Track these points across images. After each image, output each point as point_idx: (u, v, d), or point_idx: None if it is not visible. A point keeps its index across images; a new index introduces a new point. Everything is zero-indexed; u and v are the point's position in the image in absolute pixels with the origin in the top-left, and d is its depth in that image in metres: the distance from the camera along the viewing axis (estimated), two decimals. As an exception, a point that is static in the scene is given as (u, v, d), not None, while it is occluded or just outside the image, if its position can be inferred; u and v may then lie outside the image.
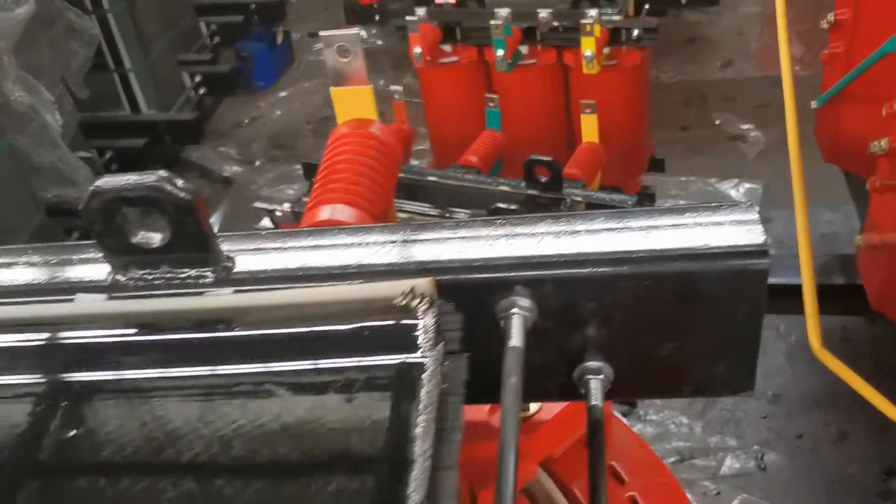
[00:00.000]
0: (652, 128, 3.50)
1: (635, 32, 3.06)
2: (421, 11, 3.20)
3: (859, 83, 2.56)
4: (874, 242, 2.31)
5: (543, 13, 3.04)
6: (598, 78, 3.17)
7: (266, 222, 2.07)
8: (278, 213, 2.05)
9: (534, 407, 1.07)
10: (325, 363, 0.61)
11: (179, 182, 0.61)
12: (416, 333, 0.61)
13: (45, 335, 0.63)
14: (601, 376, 0.71)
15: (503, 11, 3.03)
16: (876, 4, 2.52)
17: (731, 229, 0.68)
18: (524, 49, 3.22)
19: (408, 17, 3.15)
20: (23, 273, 0.69)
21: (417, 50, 3.16)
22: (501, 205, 2.01)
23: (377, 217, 1.02)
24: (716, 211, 0.70)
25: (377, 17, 5.33)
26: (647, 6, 3.20)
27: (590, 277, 0.66)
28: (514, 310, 0.66)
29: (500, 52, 3.05)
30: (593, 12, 2.92)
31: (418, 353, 0.61)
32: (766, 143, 4.23)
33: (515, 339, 0.64)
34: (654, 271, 0.66)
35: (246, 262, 0.67)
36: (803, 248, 2.18)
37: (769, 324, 3.11)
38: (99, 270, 0.67)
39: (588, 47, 2.93)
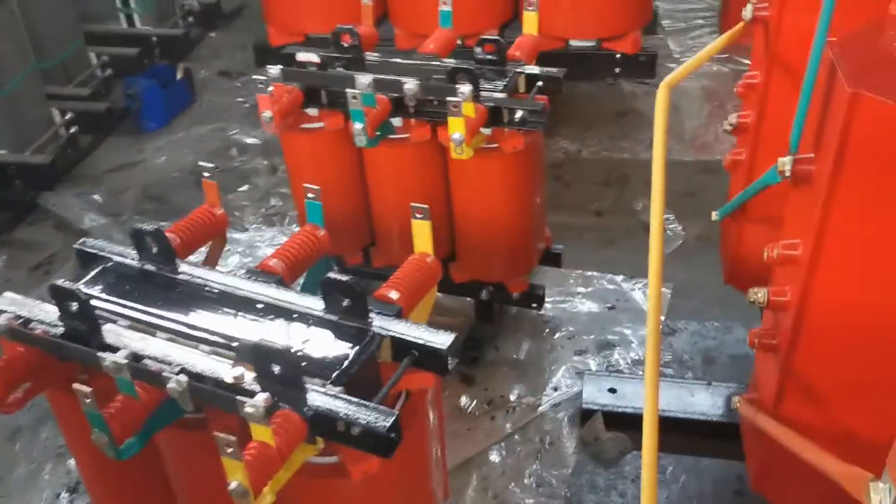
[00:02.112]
0: (545, 218, 3.05)
1: (519, 114, 2.62)
2: (274, 70, 2.74)
3: (758, 201, 2.13)
4: (753, 422, 1.85)
5: (410, 84, 2.59)
6: (474, 163, 2.72)
7: None
8: None
9: None
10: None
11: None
12: None
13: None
14: None
15: (364, 79, 2.57)
16: (784, 107, 2.07)
17: None
18: (397, 121, 2.77)
19: (255, 77, 2.68)
20: None
21: (267, 114, 2.69)
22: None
23: None
24: None
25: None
26: (539, 83, 2.76)
27: None
28: None
29: (359, 126, 2.59)
30: (465, 88, 2.47)
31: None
32: (686, 238, 3.80)
33: None
34: None
35: None
36: (649, 377, 1.70)
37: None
38: None
39: (456, 129, 2.48)
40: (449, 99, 2.45)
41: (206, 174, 2.20)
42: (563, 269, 3.51)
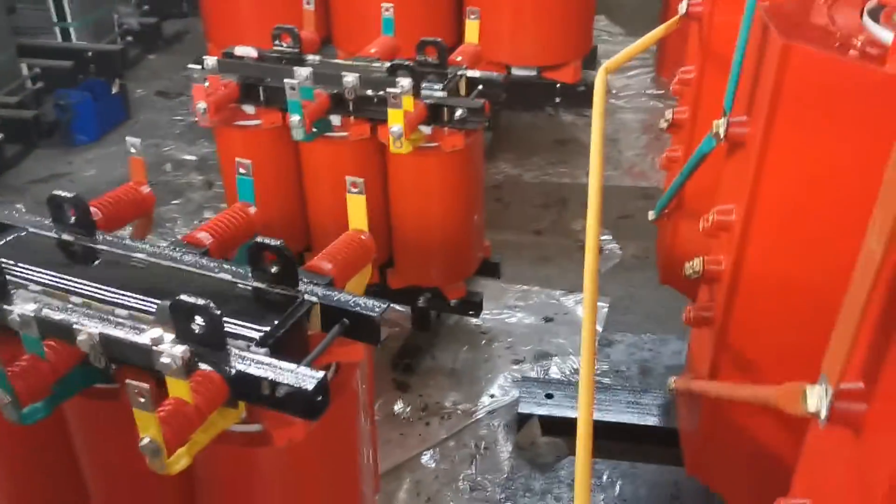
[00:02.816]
0: (483, 225, 3.03)
1: (458, 112, 2.61)
2: (211, 61, 2.69)
3: (690, 191, 2.14)
4: (688, 390, 1.83)
5: (349, 77, 2.56)
6: (413, 161, 2.69)
7: None
8: None
9: None
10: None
11: None
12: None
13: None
14: None
15: (303, 71, 2.54)
16: (718, 100, 2.10)
17: None
18: (336, 120, 2.73)
19: (191, 66, 2.62)
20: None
21: (202, 105, 2.63)
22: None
23: None
24: None
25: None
26: (479, 87, 2.77)
27: None
28: None
29: (296, 118, 2.54)
30: (405, 81, 2.45)
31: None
32: (623, 256, 3.83)
33: None
34: None
35: None
36: (584, 377, 1.67)
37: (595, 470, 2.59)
38: None
39: (395, 121, 2.46)
40: (389, 90, 2.43)
41: (132, 150, 2.13)
42: (502, 284, 3.50)
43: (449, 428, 2.75)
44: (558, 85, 4.77)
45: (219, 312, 1.45)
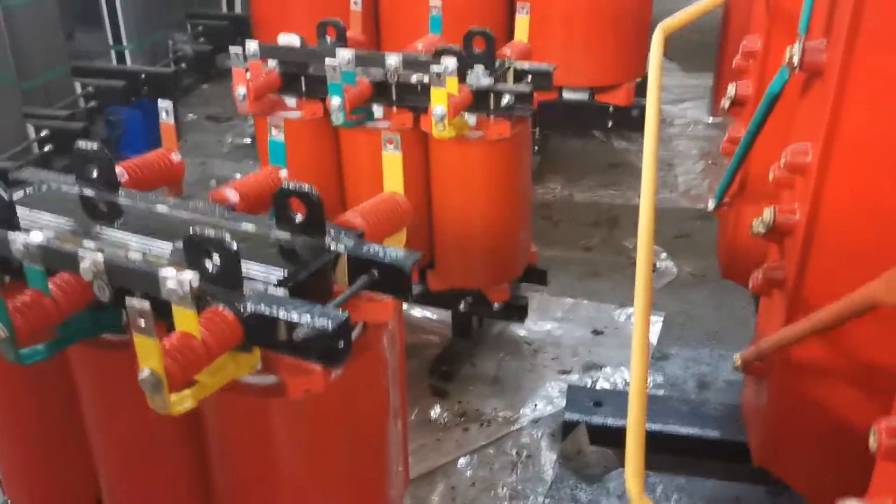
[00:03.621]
0: (530, 225, 2.88)
1: (505, 98, 2.49)
2: (253, 46, 2.63)
3: (755, 171, 1.97)
4: (757, 355, 1.63)
5: (392, 59, 2.48)
6: (457, 150, 2.58)
7: None
8: None
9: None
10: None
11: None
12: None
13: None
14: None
15: (345, 53, 2.46)
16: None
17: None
18: (378, 111, 2.64)
19: (232, 48, 2.56)
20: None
21: (241, 90, 2.57)
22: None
23: None
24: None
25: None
26: (529, 77, 2.65)
27: None
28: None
29: (337, 100, 2.45)
30: (450, 61, 2.35)
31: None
32: (678, 274, 3.63)
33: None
34: None
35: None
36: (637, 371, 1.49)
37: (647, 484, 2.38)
38: None
39: (438, 101, 2.35)
40: (433, 68, 2.33)
41: (164, 115, 2.06)
42: (549, 296, 3.33)
43: (489, 435, 2.57)
44: (611, 108, 4.63)
45: (234, 247, 1.33)
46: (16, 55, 4.15)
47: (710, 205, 2.31)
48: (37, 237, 1.37)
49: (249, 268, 1.41)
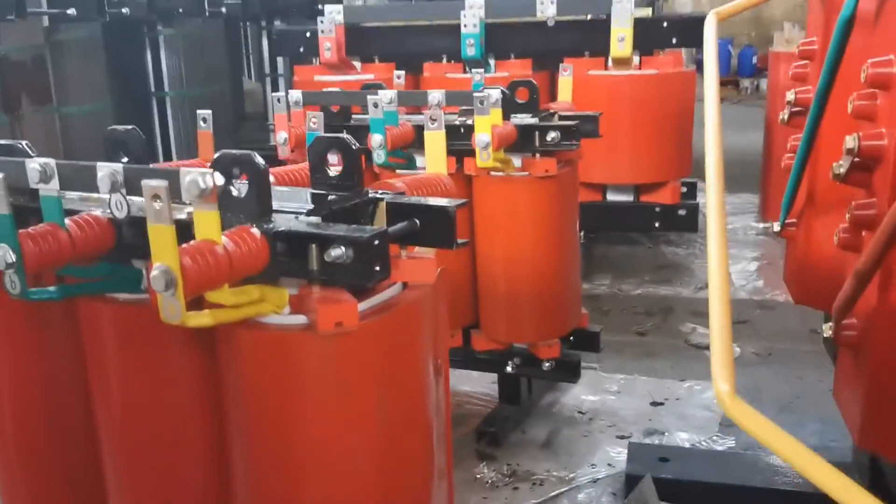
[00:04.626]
0: (579, 278, 2.73)
1: (551, 135, 2.43)
2: (296, 95, 2.64)
3: (822, 182, 1.83)
4: (846, 299, 1.42)
5: (435, 94, 2.45)
6: (502, 189, 2.50)
7: None
8: None
9: None
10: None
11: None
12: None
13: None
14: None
15: (388, 92, 2.44)
16: (849, 70, 1.83)
17: None
18: (420, 161, 2.59)
19: (274, 94, 2.57)
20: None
21: (282, 135, 2.55)
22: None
23: None
24: None
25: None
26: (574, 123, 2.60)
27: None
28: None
29: (378, 138, 2.41)
30: (493, 91, 2.32)
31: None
32: (742, 353, 3.39)
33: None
34: None
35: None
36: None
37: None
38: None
39: (482, 129, 2.29)
40: (476, 95, 2.29)
41: (202, 122, 2.02)
42: (602, 373, 3.12)
43: (540, 494, 2.30)
44: (657, 208, 4.52)
45: (262, 163, 1.23)
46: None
47: (776, 226, 2.16)
48: (54, 161, 1.29)
49: (282, 205, 1.30)
